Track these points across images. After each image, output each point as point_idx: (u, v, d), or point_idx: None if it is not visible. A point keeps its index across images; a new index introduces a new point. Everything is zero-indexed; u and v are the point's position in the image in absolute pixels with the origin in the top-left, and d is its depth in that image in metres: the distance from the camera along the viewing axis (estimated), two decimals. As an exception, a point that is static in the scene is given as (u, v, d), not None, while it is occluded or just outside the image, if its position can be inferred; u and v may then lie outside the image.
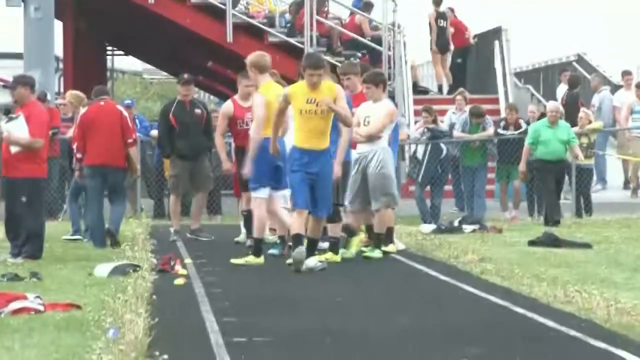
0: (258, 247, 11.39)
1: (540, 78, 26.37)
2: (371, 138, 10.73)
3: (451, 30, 22.88)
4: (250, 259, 11.15)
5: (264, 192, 11.33)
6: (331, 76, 11.99)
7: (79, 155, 12.98)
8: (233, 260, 11.24)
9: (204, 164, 13.98)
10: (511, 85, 21.70)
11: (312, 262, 9.14)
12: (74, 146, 13.52)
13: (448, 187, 18.08)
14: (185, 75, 14.33)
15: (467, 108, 17.90)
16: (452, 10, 23.89)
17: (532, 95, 23.60)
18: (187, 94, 13.86)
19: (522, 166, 16.41)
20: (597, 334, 7.21)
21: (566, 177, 16.97)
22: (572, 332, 7.29)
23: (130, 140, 12.79)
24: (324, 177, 9.05)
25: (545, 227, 15.26)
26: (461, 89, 19.75)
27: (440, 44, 22.55)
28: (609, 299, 8.46)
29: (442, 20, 22.44)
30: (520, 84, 25.12)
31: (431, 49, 22.61)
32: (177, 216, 14.29)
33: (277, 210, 11.69)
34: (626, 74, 21.60)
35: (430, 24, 22.45)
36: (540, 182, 16.80)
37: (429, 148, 16.66)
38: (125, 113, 13.49)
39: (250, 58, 11.40)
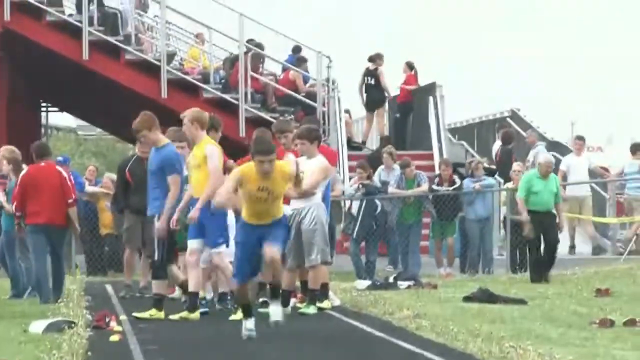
0: (193, 302, 11.22)
1: (475, 134, 26.68)
2: (305, 194, 10.41)
3: (410, 86, 23.37)
4: (184, 314, 10.93)
5: (197, 244, 11.28)
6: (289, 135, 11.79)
7: (18, 214, 12.59)
8: (171, 317, 10.86)
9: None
10: (445, 141, 21.76)
11: (276, 312, 8.50)
12: (13, 205, 13.08)
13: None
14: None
15: (397, 165, 17.90)
16: (409, 65, 23.99)
17: (467, 151, 23.77)
18: (145, 150, 13.26)
19: (525, 216, 15.95)
20: None
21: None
22: None
23: (70, 201, 12.81)
24: (272, 229, 8.25)
25: (532, 282, 15.26)
26: (389, 146, 19.36)
27: (368, 101, 22.75)
28: (544, 354, 8.05)
29: (369, 78, 22.44)
30: (455, 140, 25.31)
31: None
32: (131, 270, 14.33)
33: (225, 266, 11.25)
34: (578, 139, 21.59)
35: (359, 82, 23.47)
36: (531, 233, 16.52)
37: (363, 204, 16.69)
38: (64, 173, 13.57)
39: (191, 113, 11.17)
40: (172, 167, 11.68)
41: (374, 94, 22.75)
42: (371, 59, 23.24)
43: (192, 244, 11.46)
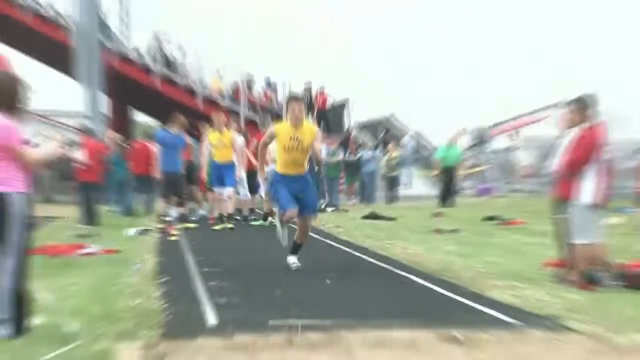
0: (220, 219, 14.55)
1: (373, 128, 31.05)
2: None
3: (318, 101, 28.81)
4: (218, 227, 14.38)
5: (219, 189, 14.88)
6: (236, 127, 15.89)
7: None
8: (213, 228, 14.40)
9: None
10: (354, 132, 28.20)
11: (292, 259, 9.26)
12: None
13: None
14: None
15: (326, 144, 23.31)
16: (322, 90, 28.66)
17: (364, 136, 29.29)
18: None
19: (435, 171, 21.25)
20: (398, 266, 9.89)
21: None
22: (383, 265, 10.06)
23: (155, 160, 16.33)
24: (307, 189, 8.82)
25: (441, 205, 19.86)
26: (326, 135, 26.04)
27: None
28: (406, 247, 11.55)
29: (306, 95, 27.19)
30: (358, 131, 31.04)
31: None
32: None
33: (232, 197, 14.73)
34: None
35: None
36: (441, 180, 21.14)
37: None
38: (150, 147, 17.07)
39: (218, 116, 14.57)
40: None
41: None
42: (307, 84, 27.88)
43: (218, 188, 14.85)
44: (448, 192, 21.17)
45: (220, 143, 14.54)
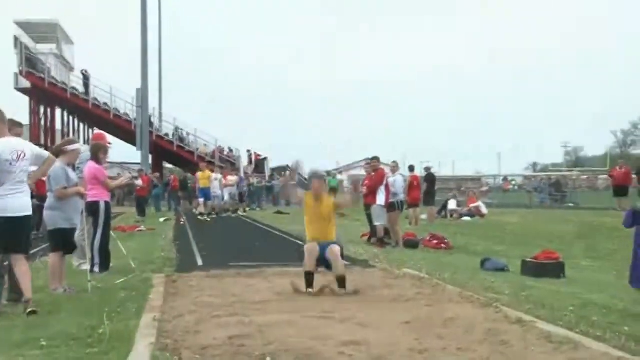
0: (210, 215, 21.32)
1: (278, 169, 40.50)
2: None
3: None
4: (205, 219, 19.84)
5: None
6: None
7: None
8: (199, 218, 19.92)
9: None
10: (269, 172, 39.47)
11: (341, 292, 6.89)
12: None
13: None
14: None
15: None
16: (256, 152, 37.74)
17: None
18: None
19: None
20: (290, 236, 14.52)
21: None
22: (284, 235, 14.84)
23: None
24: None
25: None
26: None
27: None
28: (296, 226, 15.92)
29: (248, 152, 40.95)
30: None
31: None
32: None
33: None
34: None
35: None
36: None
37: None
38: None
39: (202, 165, 23.91)
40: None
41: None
42: (249, 150, 38.09)
43: (200, 199, 22.53)
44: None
45: (204, 177, 21.72)
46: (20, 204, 5.66)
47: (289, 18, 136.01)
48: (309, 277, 6.78)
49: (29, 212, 5.67)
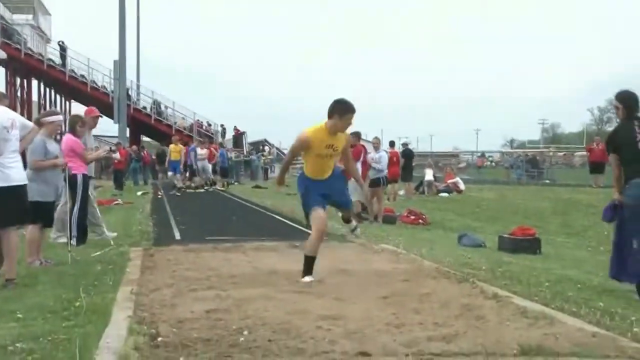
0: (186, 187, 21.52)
1: (255, 143, 43.08)
2: None
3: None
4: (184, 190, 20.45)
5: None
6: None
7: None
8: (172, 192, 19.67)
9: None
10: (248, 147, 40.86)
11: (352, 226, 7.22)
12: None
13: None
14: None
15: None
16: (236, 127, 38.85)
17: None
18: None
19: None
20: (267, 210, 14.88)
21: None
22: (260, 209, 15.23)
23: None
24: (336, 187, 6.85)
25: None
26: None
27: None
28: (272, 202, 17.06)
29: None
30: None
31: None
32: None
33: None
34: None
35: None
36: None
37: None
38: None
39: (178, 136, 24.39)
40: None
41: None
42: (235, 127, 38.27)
43: (171, 173, 23.20)
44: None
45: (175, 150, 21.73)
46: (20, 172, 5.88)
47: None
48: (310, 262, 6.28)
49: (27, 181, 5.95)
